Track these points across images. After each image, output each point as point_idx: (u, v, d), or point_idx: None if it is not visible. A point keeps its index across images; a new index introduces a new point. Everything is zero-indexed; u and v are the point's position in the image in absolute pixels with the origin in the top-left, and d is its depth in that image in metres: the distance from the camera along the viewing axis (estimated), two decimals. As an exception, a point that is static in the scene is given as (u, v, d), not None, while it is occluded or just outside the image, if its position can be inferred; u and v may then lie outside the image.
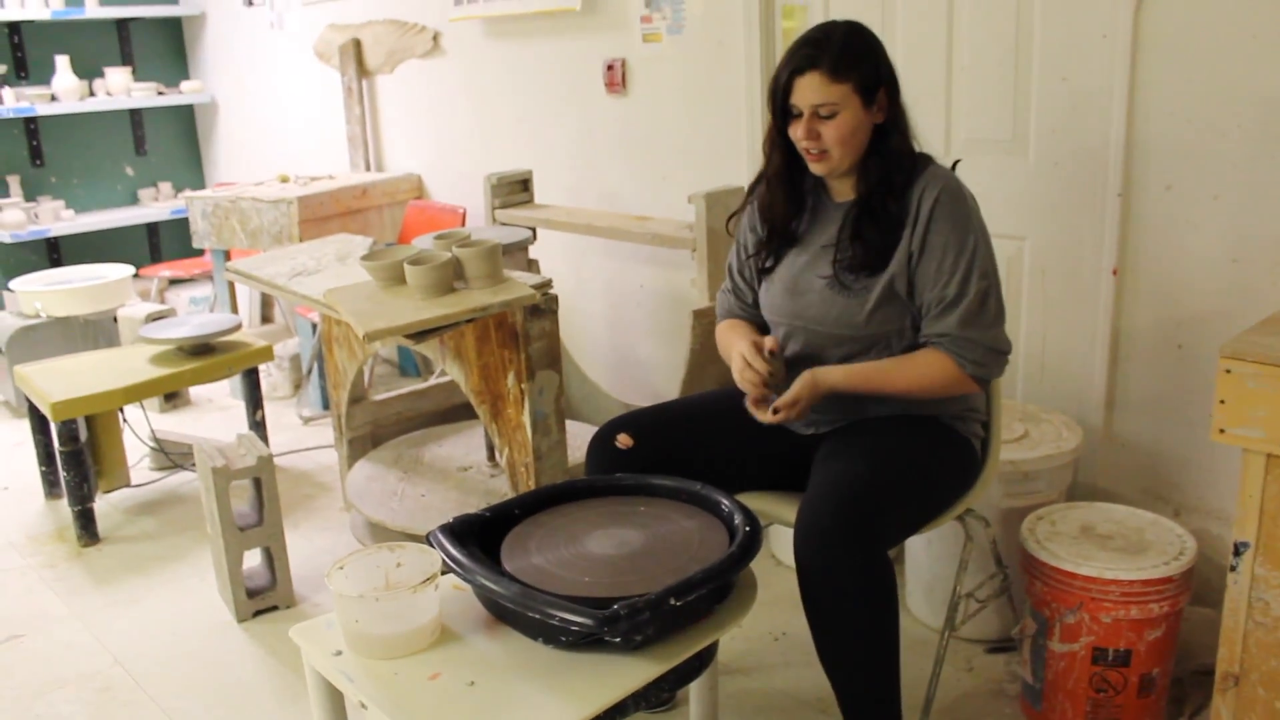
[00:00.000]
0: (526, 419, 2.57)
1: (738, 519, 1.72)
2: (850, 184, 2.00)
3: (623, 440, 2.04)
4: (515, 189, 3.56)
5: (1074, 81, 2.47)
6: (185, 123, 5.93)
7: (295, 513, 3.36)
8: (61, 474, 3.22)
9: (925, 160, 1.97)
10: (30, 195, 5.40)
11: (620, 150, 3.60)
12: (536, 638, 1.59)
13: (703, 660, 1.71)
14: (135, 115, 5.73)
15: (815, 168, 1.97)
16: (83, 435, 3.23)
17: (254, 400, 3.63)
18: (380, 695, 1.51)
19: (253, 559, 2.80)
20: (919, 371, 1.94)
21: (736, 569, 1.62)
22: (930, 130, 2.69)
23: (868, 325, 1.96)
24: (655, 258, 3.54)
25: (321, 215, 4.14)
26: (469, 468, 3.21)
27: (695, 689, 1.99)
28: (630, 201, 3.59)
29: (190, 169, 5.99)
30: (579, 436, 2.92)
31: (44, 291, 4.19)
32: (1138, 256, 2.45)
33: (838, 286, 1.97)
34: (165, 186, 5.78)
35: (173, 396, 4.45)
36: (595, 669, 1.53)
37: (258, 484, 2.70)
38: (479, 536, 1.74)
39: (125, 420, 3.56)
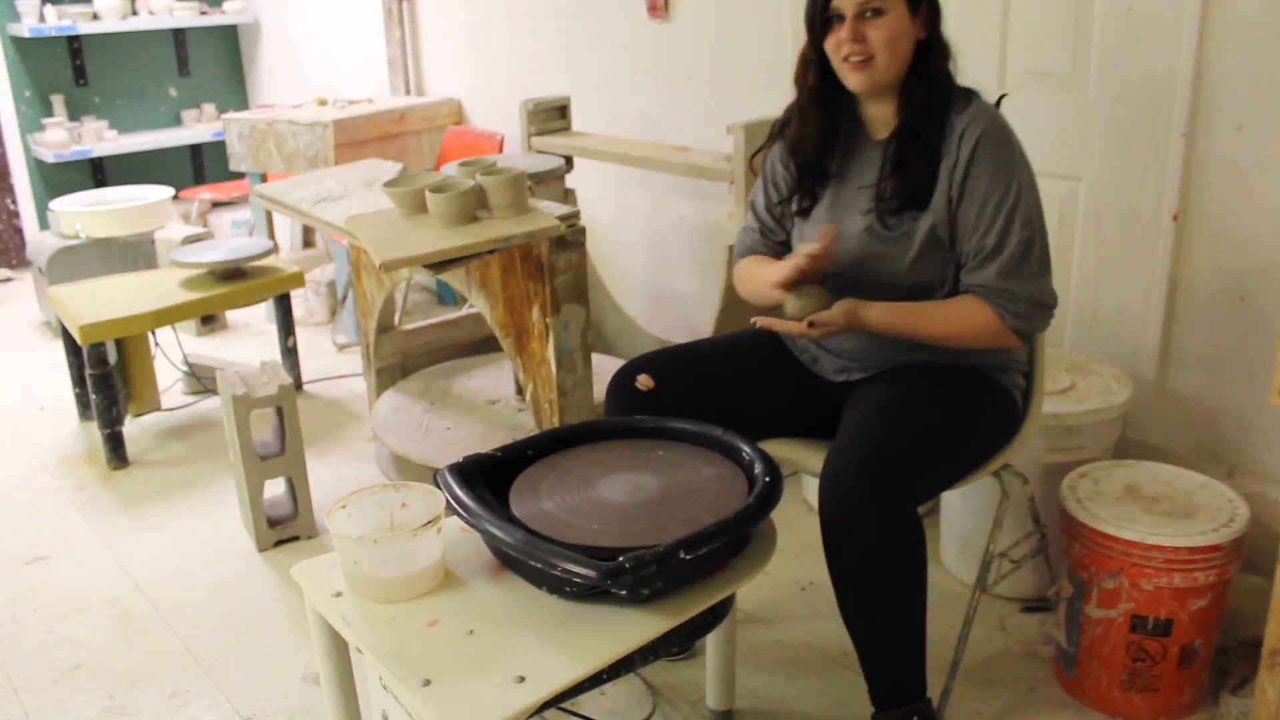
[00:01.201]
0: (551, 354, 2.50)
1: (758, 468, 1.63)
2: (891, 113, 1.87)
3: (643, 381, 1.95)
4: (552, 115, 3.45)
5: (1140, 10, 2.29)
6: (228, 43, 5.86)
7: (323, 441, 3.33)
8: (91, 397, 3.21)
9: (968, 95, 1.84)
10: (74, 115, 5.39)
11: (661, 77, 3.47)
12: (541, 586, 1.53)
13: (717, 614, 1.65)
14: (178, 35, 5.66)
15: (855, 78, 1.82)
16: (112, 359, 3.21)
17: (286, 326, 3.60)
18: (375, 641, 1.46)
19: (276, 488, 2.78)
20: (959, 317, 1.83)
21: (753, 522, 1.54)
22: (985, 62, 2.55)
23: (909, 274, 1.85)
24: (695, 190, 3.42)
25: (358, 139, 4.06)
26: (496, 401, 3.15)
27: (712, 639, 1.93)
28: (670, 131, 3.47)
29: (234, 90, 5.93)
30: (612, 371, 2.84)
31: (84, 212, 4.17)
32: (1201, 201, 2.30)
33: (878, 231, 1.86)
34: (209, 108, 5.74)
35: (209, 320, 4.44)
36: (601, 621, 1.47)
37: (280, 413, 2.66)
38: (489, 477, 1.67)
39: (157, 344, 3.54)
